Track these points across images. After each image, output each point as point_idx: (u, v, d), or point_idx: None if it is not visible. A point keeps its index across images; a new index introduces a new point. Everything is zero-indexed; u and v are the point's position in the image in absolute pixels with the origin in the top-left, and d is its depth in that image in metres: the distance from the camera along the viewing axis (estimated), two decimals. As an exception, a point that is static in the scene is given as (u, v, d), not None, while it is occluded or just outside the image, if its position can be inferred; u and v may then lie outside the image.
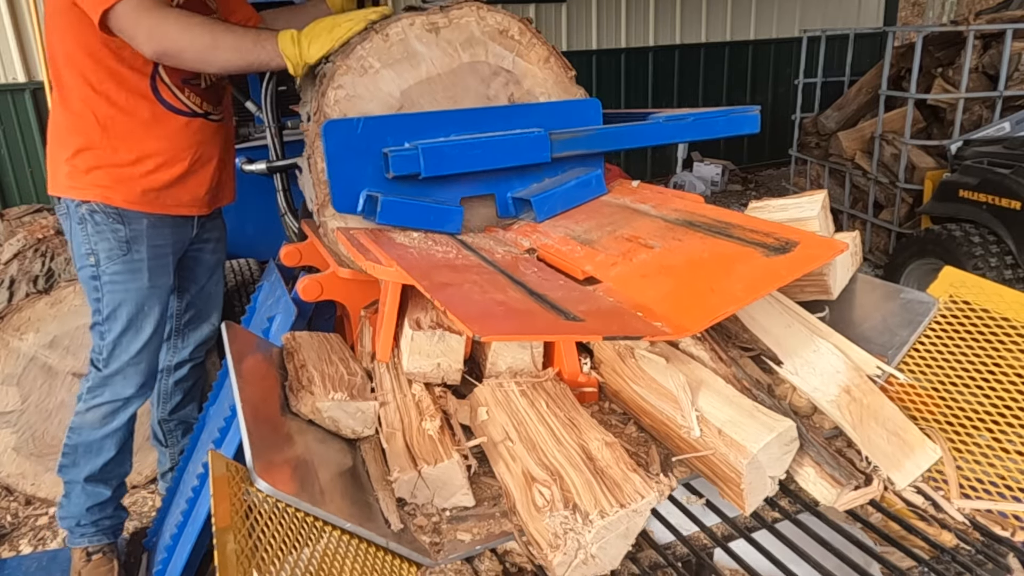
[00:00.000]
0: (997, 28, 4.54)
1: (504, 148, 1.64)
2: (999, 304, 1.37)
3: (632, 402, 1.34)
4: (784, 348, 1.41)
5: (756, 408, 1.17)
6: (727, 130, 1.83)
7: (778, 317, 1.46)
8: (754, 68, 8.36)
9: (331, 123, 1.53)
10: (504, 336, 1.12)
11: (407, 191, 1.62)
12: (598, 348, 1.44)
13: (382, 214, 1.55)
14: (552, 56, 1.75)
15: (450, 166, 1.59)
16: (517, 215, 1.76)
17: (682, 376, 1.24)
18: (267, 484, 0.99)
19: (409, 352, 1.34)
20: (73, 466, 2.21)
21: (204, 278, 2.44)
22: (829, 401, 1.28)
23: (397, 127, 1.59)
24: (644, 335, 1.10)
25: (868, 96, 5.54)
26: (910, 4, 14.42)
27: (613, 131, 1.76)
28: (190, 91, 2.07)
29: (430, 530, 1.11)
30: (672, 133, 1.81)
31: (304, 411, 1.30)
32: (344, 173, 1.58)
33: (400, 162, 1.55)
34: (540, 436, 1.17)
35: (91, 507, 2.25)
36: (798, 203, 1.57)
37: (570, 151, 1.72)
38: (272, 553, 0.92)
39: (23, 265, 2.98)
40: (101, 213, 2.03)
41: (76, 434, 2.19)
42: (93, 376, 2.17)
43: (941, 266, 1.49)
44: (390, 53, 1.61)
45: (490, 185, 1.73)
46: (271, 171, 3.26)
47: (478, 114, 1.66)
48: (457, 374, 1.38)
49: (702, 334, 1.38)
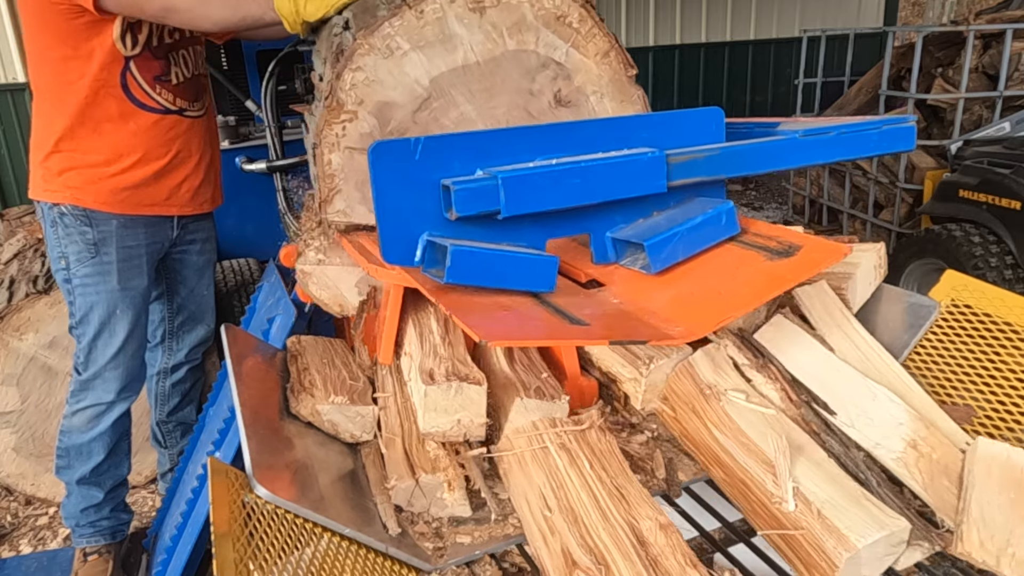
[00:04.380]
0: (997, 28, 4.53)
1: (609, 176, 1.25)
2: (1001, 308, 1.37)
3: (706, 448, 1.20)
4: (837, 396, 1.26)
5: (864, 495, 1.03)
6: (880, 147, 1.47)
7: (826, 360, 1.31)
8: (754, 68, 8.35)
9: (380, 145, 1.15)
10: (509, 341, 1.11)
11: (474, 234, 1.22)
12: (674, 380, 1.30)
13: (453, 269, 1.12)
14: (613, 50, 1.50)
15: (539, 201, 1.20)
16: (618, 260, 1.37)
17: (784, 439, 1.09)
18: (266, 491, 0.99)
19: (424, 409, 1.19)
20: (68, 468, 2.22)
21: (193, 280, 2.42)
22: (895, 459, 1.16)
23: (464, 148, 1.22)
24: (650, 340, 1.09)
25: (868, 96, 5.53)
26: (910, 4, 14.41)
27: (743, 151, 1.39)
28: (162, 87, 2.06)
29: (431, 535, 1.10)
30: (815, 152, 1.43)
31: (304, 413, 1.30)
32: (396, 212, 1.19)
33: (469, 198, 1.15)
34: (583, 507, 1.03)
35: (85, 508, 2.26)
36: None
37: (690, 177, 1.34)
38: (271, 560, 0.92)
39: (23, 265, 2.98)
40: (70, 215, 2.03)
41: (66, 437, 2.20)
42: (75, 380, 2.17)
43: (941, 266, 1.48)
44: (422, 33, 1.37)
45: (584, 223, 1.34)
46: (271, 170, 3.27)
47: (565, 130, 1.30)
48: (480, 429, 1.22)
49: (775, 375, 1.28)
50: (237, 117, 3.45)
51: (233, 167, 3.31)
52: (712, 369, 1.29)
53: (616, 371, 1.34)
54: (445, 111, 1.44)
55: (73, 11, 1.83)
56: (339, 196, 1.42)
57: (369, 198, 1.37)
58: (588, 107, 1.52)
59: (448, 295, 1.15)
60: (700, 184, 1.38)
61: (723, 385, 1.25)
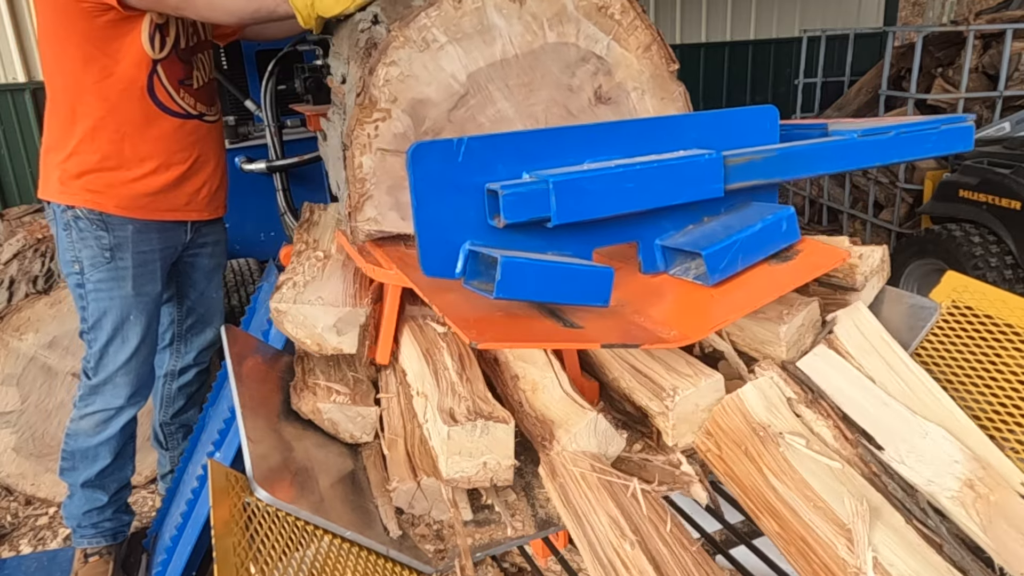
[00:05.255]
0: (997, 28, 4.54)
1: (665, 179, 1.16)
2: (1002, 310, 1.36)
3: (758, 495, 1.09)
4: (884, 430, 1.18)
5: (948, 569, 0.96)
6: (938, 147, 1.41)
7: (874, 393, 1.23)
8: (754, 68, 8.34)
9: (421, 147, 1.06)
10: (502, 343, 1.10)
11: (517, 243, 1.13)
12: (720, 414, 1.20)
13: (504, 283, 1.02)
14: (655, 43, 1.42)
15: (592, 207, 1.11)
16: (667, 269, 1.27)
17: (864, 503, 1.00)
18: (267, 493, 0.98)
19: (447, 453, 1.10)
20: (72, 470, 2.20)
21: (203, 283, 2.41)
22: (950, 497, 1.09)
23: (510, 150, 1.13)
24: (643, 343, 1.08)
25: (868, 96, 5.54)
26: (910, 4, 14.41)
27: (801, 152, 1.30)
28: (185, 91, 2.04)
29: (432, 537, 1.10)
30: (873, 153, 1.35)
31: (305, 410, 1.30)
32: (437, 219, 1.09)
33: (519, 203, 1.06)
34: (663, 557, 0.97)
35: (88, 511, 2.25)
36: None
37: (747, 181, 1.25)
38: (272, 563, 0.92)
39: (23, 265, 2.98)
40: (85, 219, 1.99)
41: (73, 440, 2.18)
42: (84, 384, 2.15)
43: (941, 266, 1.48)
44: (460, 25, 1.29)
45: (632, 230, 1.24)
46: (271, 170, 3.26)
47: (614, 130, 1.22)
48: (509, 472, 1.14)
49: (826, 411, 1.21)
50: (237, 117, 3.45)
51: (233, 167, 3.31)
52: (765, 406, 1.20)
53: (646, 404, 1.27)
54: (482, 108, 1.36)
55: (97, 8, 1.81)
56: (370, 203, 1.33)
57: (402, 203, 1.33)
58: (629, 104, 1.45)
59: (442, 296, 1.12)
60: (754, 188, 1.29)
61: (778, 425, 1.15)
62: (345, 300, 1.41)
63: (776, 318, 1.30)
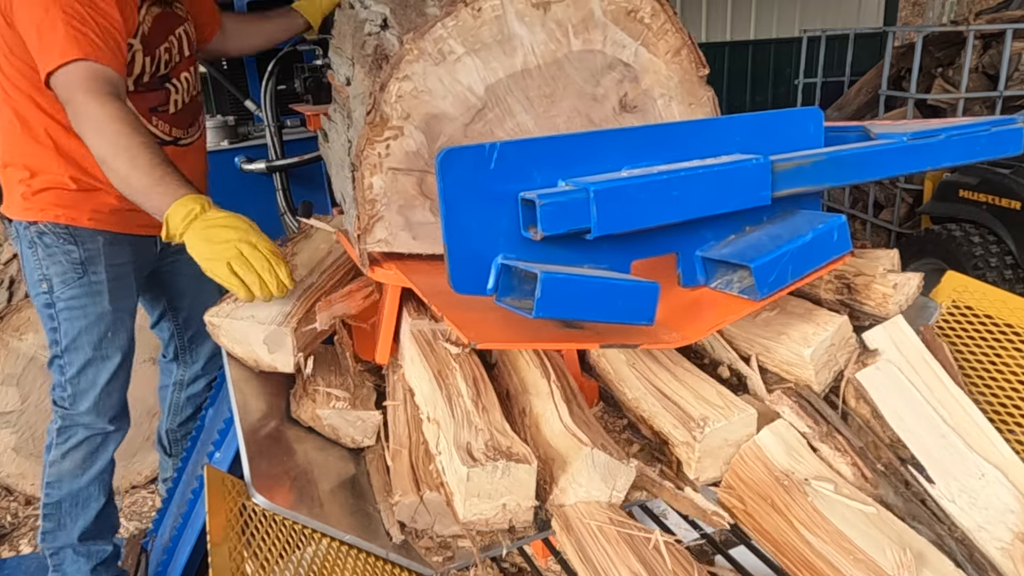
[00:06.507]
0: (997, 28, 4.54)
1: (711, 186, 1.08)
2: (1002, 310, 1.36)
3: (793, 552, 1.02)
4: (937, 463, 1.12)
5: None
6: (988, 151, 1.35)
7: (931, 421, 1.16)
8: (754, 68, 8.34)
9: (451, 153, 0.99)
10: (500, 344, 1.09)
11: (552, 256, 1.04)
12: (739, 465, 1.14)
13: (544, 300, 0.94)
14: (685, 47, 1.34)
15: (635, 217, 1.03)
16: (708, 282, 1.19)
17: (908, 553, 0.93)
18: (264, 499, 0.97)
19: (465, 495, 1.04)
20: (60, 529, 1.99)
21: (192, 289, 2.28)
22: (1000, 548, 1.02)
23: (545, 155, 1.05)
24: (642, 344, 1.08)
25: (868, 96, 5.54)
26: (910, 4, 14.40)
27: (851, 157, 1.22)
28: (158, 119, 1.91)
29: (436, 548, 1.08)
30: (924, 157, 1.29)
31: (304, 417, 1.30)
32: (467, 231, 1.01)
33: (557, 213, 0.98)
34: None
35: (95, 567, 2.05)
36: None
37: (795, 187, 1.16)
38: (269, 566, 0.91)
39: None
40: (51, 234, 1.85)
41: (56, 488, 1.96)
42: (61, 417, 1.96)
43: (941, 266, 1.48)
44: (479, 35, 1.21)
45: (672, 240, 1.16)
46: (270, 170, 3.27)
47: (654, 134, 1.14)
48: (528, 513, 1.08)
49: (842, 445, 1.15)
50: (236, 117, 3.45)
51: (233, 167, 3.31)
52: (785, 451, 1.13)
53: (669, 432, 1.19)
54: (500, 122, 1.29)
55: None
56: (380, 224, 1.26)
57: (413, 223, 1.27)
58: (655, 112, 1.37)
59: (441, 296, 1.10)
60: (799, 195, 1.20)
61: (802, 471, 1.08)
62: (275, 318, 1.38)
63: (801, 340, 1.23)
